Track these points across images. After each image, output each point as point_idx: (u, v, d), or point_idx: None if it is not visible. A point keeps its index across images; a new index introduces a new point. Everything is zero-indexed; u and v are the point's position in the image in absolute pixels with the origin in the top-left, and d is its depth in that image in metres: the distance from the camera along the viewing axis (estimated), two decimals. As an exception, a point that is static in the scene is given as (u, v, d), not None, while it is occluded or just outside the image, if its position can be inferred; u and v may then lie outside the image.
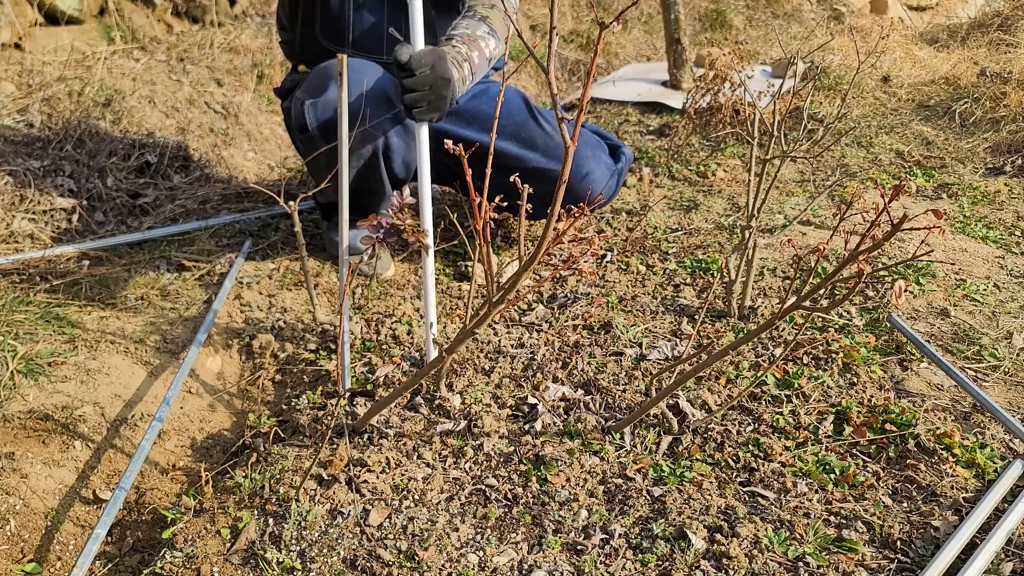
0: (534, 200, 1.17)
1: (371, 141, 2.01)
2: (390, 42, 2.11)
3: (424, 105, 1.68)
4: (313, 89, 2.00)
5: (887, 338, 1.91)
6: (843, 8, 5.58)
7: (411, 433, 1.58)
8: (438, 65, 1.67)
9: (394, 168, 2.12)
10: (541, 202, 1.76)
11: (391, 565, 1.28)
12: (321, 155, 2.00)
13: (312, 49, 2.18)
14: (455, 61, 1.77)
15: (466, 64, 1.80)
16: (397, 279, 2.28)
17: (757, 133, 1.93)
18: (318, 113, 1.96)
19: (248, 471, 1.52)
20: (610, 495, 1.44)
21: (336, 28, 2.11)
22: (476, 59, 1.84)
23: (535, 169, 2.19)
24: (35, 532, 1.47)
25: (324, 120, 1.96)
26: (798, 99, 3.21)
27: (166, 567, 1.31)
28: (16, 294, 2.03)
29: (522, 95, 2.29)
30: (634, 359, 1.84)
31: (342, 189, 1.76)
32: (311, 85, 2.02)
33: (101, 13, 3.53)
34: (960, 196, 2.78)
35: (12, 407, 1.66)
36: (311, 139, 1.99)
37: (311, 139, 1.99)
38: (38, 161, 2.62)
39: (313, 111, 1.97)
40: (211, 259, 2.33)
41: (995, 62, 3.95)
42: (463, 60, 1.79)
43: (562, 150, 2.23)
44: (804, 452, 1.53)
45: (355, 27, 2.08)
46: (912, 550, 1.32)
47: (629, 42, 5.02)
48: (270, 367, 1.94)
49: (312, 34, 2.16)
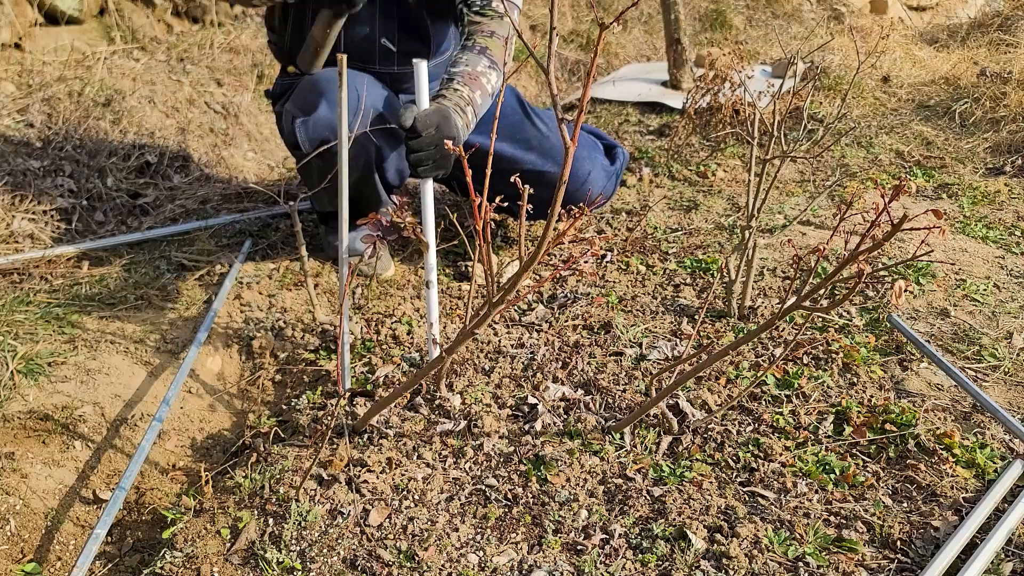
0: (532, 200, 1.18)
1: (364, 153, 2.01)
2: (381, 52, 2.11)
3: (430, 164, 1.70)
4: (304, 106, 2.00)
5: (887, 338, 1.91)
6: (843, 8, 5.58)
7: (411, 433, 1.58)
8: (442, 125, 1.69)
9: (387, 176, 2.13)
10: (538, 203, 1.77)
11: (391, 565, 1.28)
12: (314, 167, 2.00)
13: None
14: (458, 108, 1.77)
15: (469, 108, 1.80)
16: (397, 279, 2.28)
17: (757, 133, 1.93)
18: (309, 132, 1.97)
19: (248, 471, 1.52)
20: (610, 495, 1.44)
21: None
22: (478, 99, 1.84)
23: (530, 171, 2.18)
24: (35, 532, 1.47)
25: (315, 139, 1.96)
26: (798, 99, 3.21)
27: (166, 567, 1.31)
28: (16, 294, 2.03)
29: (516, 93, 2.28)
30: (634, 359, 1.84)
31: (342, 189, 1.76)
32: (301, 100, 2.01)
33: (101, 13, 3.53)
34: (960, 196, 2.78)
35: (12, 407, 1.66)
36: (304, 155, 2.00)
37: (304, 155, 2.00)
38: (38, 161, 2.62)
39: (304, 130, 1.97)
40: (211, 259, 2.33)
41: (995, 62, 3.95)
42: (466, 104, 1.80)
43: (557, 151, 2.22)
44: (804, 452, 1.53)
45: (346, 37, 2.08)
46: (912, 550, 1.32)
47: (629, 42, 5.02)
48: (270, 367, 1.94)
49: (303, 40, 2.16)
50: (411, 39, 2.11)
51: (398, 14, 2.08)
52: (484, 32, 1.91)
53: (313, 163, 1.98)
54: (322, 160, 1.97)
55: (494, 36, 1.91)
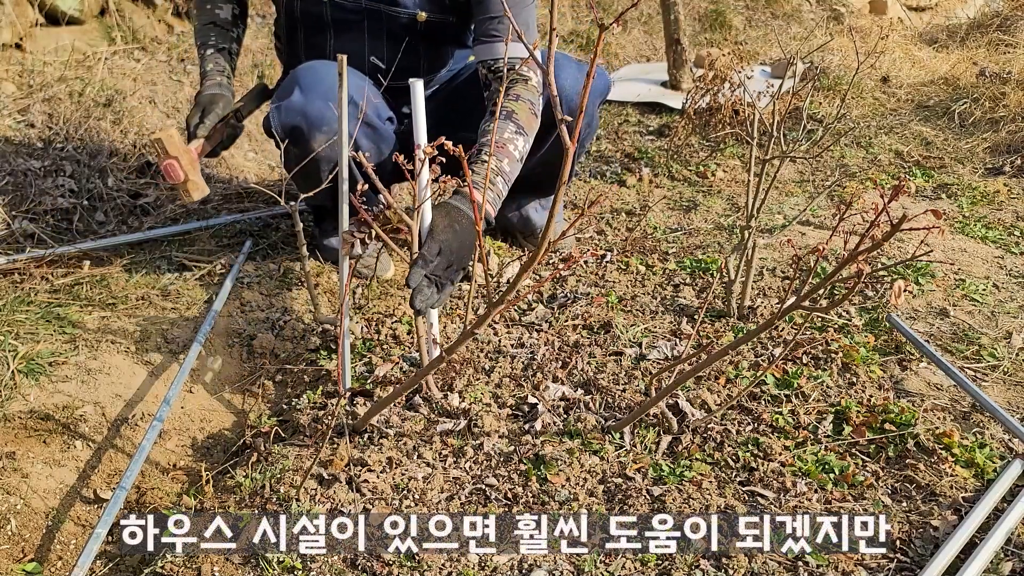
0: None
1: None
2: (371, 69, 2.13)
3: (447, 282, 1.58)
4: (281, 93, 2.02)
5: (886, 338, 1.91)
6: (842, 8, 5.58)
7: (411, 433, 1.59)
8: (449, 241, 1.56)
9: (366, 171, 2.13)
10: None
11: (391, 565, 1.29)
12: (292, 159, 1.99)
13: (297, 64, 2.20)
14: (489, 184, 1.71)
15: (499, 179, 1.77)
16: (397, 279, 2.29)
17: (757, 133, 1.93)
18: (281, 117, 1.97)
19: (248, 471, 1.52)
20: (610, 495, 1.44)
21: (316, 53, 2.13)
22: (507, 167, 1.79)
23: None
24: (36, 532, 1.48)
25: (287, 124, 1.97)
26: (797, 99, 3.21)
27: (166, 567, 1.32)
28: (17, 294, 2.03)
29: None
30: (634, 359, 1.84)
31: (342, 189, 1.76)
32: (281, 90, 2.04)
33: (102, 13, 3.54)
34: (959, 196, 2.79)
35: (13, 407, 1.66)
36: (283, 145, 1.99)
37: (283, 145, 1.99)
38: (39, 161, 2.62)
39: (277, 115, 1.98)
40: (212, 259, 2.34)
41: (994, 62, 3.96)
42: (495, 176, 1.76)
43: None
44: (803, 452, 1.53)
45: (335, 54, 2.10)
46: (911, 550, 1.32)
47: (629, 42, 5.02)
48: (270, 367, 1.94)
49: (297, 52, 2.19)
50: (405, 56, 2.11)
51: (387, 33, 2.10)
52: (510, 96, 1.88)
53: (289, 149, 1.98)
54: (296, 146, 1.98)
55: (519, 100, 1.87)
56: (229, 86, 2.18)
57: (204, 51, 2.20)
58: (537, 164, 2.13)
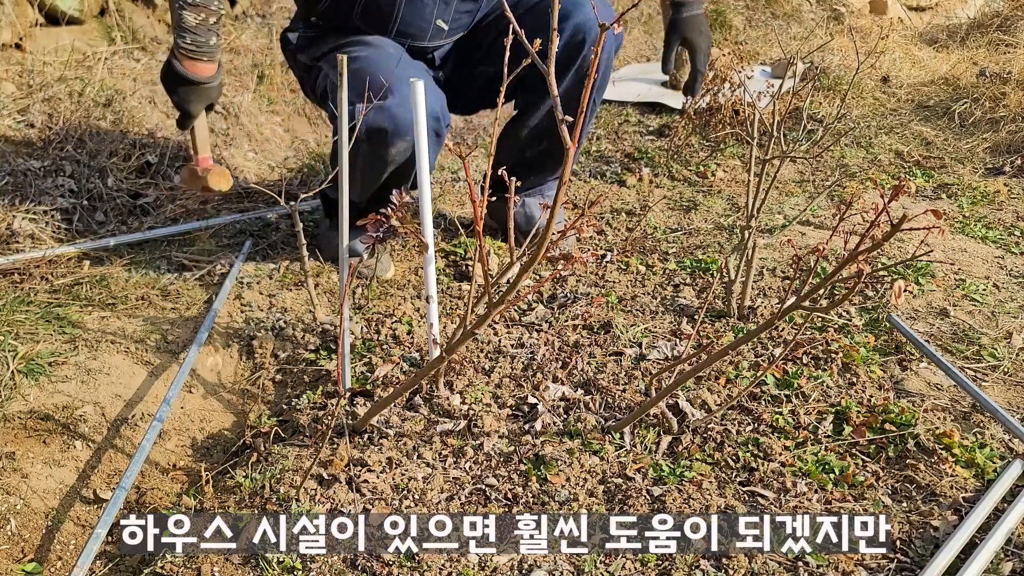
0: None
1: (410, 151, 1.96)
2: (434, 31, 2.10)
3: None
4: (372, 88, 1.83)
5: (887, 338, 1.91)
6: (843, 8, 5.58)
7: (411, 433, 1.59)
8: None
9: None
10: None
11: (391, 565, 1.29)
12: (360, 156, 1.91)
13: (339, 21, 2.10)
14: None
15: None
16: (397, 279, 2.28)
17: (757, 133, 1.93)
18: (371, 117, 1.85)
19: (248, 471, 1.52)
20: (610, 495, 1.44)
21: (380, 18, 2.05)
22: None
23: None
24: (36, 532, 1.48)
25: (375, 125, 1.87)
26: (798, 99, 3.21)
27: (166, 567, 1.32)
28: (17, 294, 2.03)
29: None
30: (634, 359, 1.84)
31: (341, 189, 1.76)
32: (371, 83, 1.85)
33: (102, 13, 3.53)
34: (959, 196, 2.79)
35: (13, 407, 1.66)
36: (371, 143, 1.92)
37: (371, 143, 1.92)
38: (38, 161, 2.62)
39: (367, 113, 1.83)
40: (211, 259, 2.33)
41: (994, 62, 3.96)
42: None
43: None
44: (804, 452, 1.53)
45: (405, 13, 2.03)
46: (912, 550, 1.32)
47: (629, 42, 5.02)
48: (270, 367, 1.94)
49: (343, 11, 2.05)
50: (461, 16, 2.11)
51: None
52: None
53: (360, 144, 1.86)
54: (370, 146, 1.91)
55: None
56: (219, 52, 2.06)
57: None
58: (529, 138, 2.20)
